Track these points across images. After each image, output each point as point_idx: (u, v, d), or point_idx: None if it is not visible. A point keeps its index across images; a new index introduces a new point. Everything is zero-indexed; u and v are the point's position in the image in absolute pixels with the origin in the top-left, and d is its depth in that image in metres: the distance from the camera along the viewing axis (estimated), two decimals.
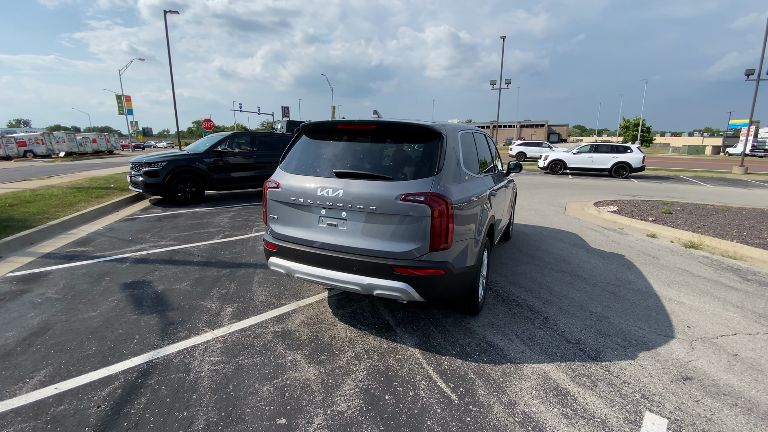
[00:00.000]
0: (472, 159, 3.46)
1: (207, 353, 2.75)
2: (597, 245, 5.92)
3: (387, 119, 2.86)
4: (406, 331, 3.13)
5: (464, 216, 2.79)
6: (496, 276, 4.46)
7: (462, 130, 3.29)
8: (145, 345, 2.84)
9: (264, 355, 2.74)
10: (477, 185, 3.21)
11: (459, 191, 2.80)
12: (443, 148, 2.78)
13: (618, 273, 4.66)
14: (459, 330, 3.16)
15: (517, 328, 3.21)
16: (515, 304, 3.69)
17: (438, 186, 2.60)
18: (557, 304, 3.73)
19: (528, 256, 5.26)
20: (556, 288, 4.14)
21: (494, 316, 3.43)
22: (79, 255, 4.87)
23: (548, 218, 7.97)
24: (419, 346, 2.90)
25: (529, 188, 13.08)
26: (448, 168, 2.76)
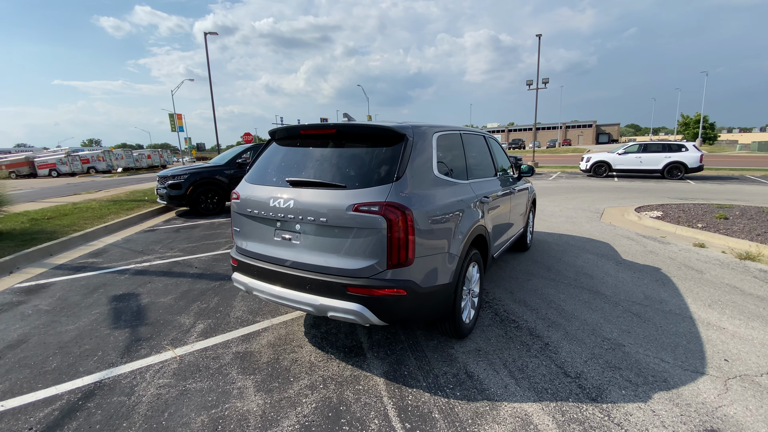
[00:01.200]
0: (456, 163, 3.09)
1: (158, 375, 2.60)
2: (630, 256, 5.21)
3: (349, 122, 2.60)
4: (377, 356, 2.80)
5: (434, 227, 2.44)
6: (500, 292, 4.00)
7: (442, 131, 2.93)
8: (103, 363, 2.76)
9: (214, 380, 2.54)
10: (458, 192, 2.84)
11: (427, 199, 2.45)
12: (407, 151, 2.45)
13: (648, 290, 4.01)
14: (439, 356, 2.78)
15: (507, 356, 2.78)
16: (514, 326, 3.24)
17: (398, 194, 2.28)
18: (564, 327, 3.22)
19: (544, 269, 4.72)
20: (567, 307, 3.61)
21: (485, 340, 3.00)
22: (87, 266, 5.04)
23: (579, 226, 7.24)
24: (386, 375, 2.56)
25: (566, 192, 12.16)
26: (414, 173, 2.43)
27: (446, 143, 2.99)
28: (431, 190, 2.54)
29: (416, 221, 2.29)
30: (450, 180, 2.82)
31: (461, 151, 3.22)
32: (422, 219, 2.35)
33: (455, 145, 3.16)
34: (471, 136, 3.59)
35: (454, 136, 3.18)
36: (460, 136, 3.29)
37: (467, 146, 3.38)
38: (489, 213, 3.40)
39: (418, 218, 2.31)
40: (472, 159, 3.47)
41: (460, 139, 3.27)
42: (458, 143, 3.22)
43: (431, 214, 2.44)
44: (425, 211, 2.39)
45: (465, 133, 3.44)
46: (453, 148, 3.11)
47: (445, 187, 2.71)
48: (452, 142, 3.12)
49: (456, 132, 3.23)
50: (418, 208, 2.33)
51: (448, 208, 2.61)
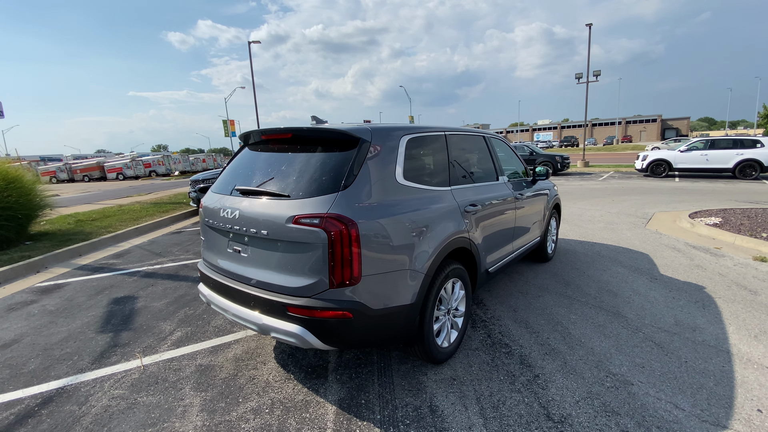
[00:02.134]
0: (435, 168, 2.78)
1: (116, 385, 2.58)
2: (670, 271, 4.51)
3: (305, 126, 2.40)
4: (339, 379, 2.58)
5: (390, 241, 2.17)
6: (502, 309, 3.59)
7: (415, 134, 2.63)
8: (74, 368, 2.80)
9: (165, 395, 2.46)
10: (431, 201, 2.53)
11: (383, 210, 2.19)
12: (362, 156, 2.20)
13: (682, 313, 3.39)
14: (406, 384, 2.50)
15: (485, 389, 2.42)
16: (504, 352, 2.85)
17: (344, 205, 2.04)
18: (565, 356, 2.78)
19: (562, 284, 4.20)
20: (576, 331, 3.13)
21: (465, 368, 2.66)
22: (105, 267, 5.32)
23: (619, 233, 6.48)
24: (340, 403, 2.33)
25: (614, 195, 11.07)
26: (368, 181, 2.18)
27: (421, 147, 2.70)
28: (391, 199, 2.27)
29: (364, 235, 2.04)
30: (421, 187, 2.53)
31: (444, 154, 2.90)
32: (373, 232, 2.09)
33: (435, 149, 2.85)
34: (461, 137, 3.24)
35: (435, 139, 2.86)
36: (444, 138, 2.96)
37: (453, 149, 3.04)
38: (480, 222, 3.03)
39: (367, 232, 2.06)
40: (461, 163, 3.12)
41: (443, 141, 2.94)
42: (440, 146, 2.90)
43: (387, 226, 2.17)
44: (378, 224, 2.13)
45: (453, 134, 3.10)
46: (431, 152, 2.80)
47: (412, 195, 2.42)
48: (431, 146, 2.81)
49: (438, 134, 2.91)
50: (367, 220, 2.08)
51: (411, 219, 2.31)
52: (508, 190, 3.62)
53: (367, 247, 2.06)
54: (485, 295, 3.96)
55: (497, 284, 4.25)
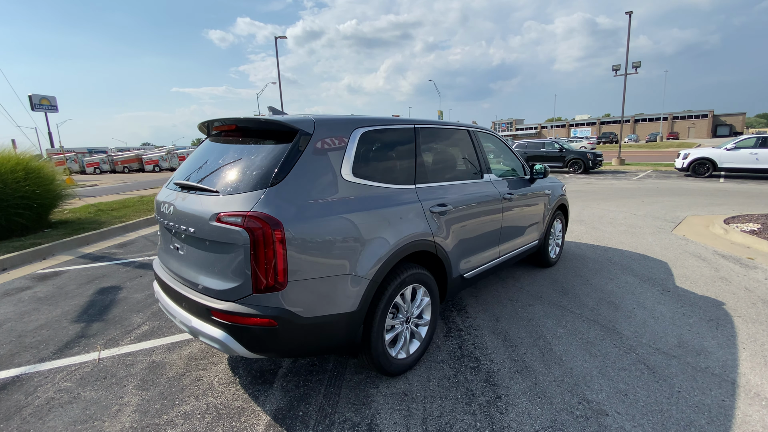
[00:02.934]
0: (398, 164, 2.55)
1: (67, 377, 2.56)
2: (687, 283, 4.03)
3: (249, 117, 2.24)
4: (285, 386, 2.43)
5: (326, 244, 1.98)
6: (484, 318, 3.31)
7: (372, 126, 2.40)
8: (37, 357, 2.82)
9: (108, 391, 2.41)
10: (386, 200, 2.31)
11: (320, 209, 2.00)
12: (298, 151, 2.02)
13: (689, 333, 2.98)
14: (353, 396, 2.31)
15: (435, 408, 2.20)
16: (471, 367, 2.60)
17: (271, 203, 1.87)
18: (538, 375, 2.49)
19: (559, 293, 3.85)
20: (558, 347, 2.82)
21: (422, 382, 2.44)
22: (105, 257, 5.47)
23: (640, 238, 5.94)
24: (276, 414, 2.18)
25: (646, 196, 10.27)
26: (304, 177, 2.00)
27: (381, 141, 2.48)
28: (332, 197, 2.08)
29: (293, 237, 1.86)
30: (376, 185, 2.31)
31: (411, 150, 2.66)
32: (305, 234, 1.91)
33: (400, 144, 2.61)
34: (436, 131, 2.98)
35: (400, 132, 2.63)
36: (413, 131, 2.72)
37: (424, 144, 2.79)
38: (453, 225, 2.78)
39: (296, 233, 1.88)
40: (434, 159, 2.87)
41: (412, 135, 2.70)
42: (406, 141, 2.66)
43: (323, 227, 1.98)
44: (312, 224, 1.94)
45: (426, 128, 2.85)
46: (394, 147, 2.57)
47: (361, 193, 2.21)
48: (394, 140, 2.58)
49: (405, 127, 2.67)
50: (298, 220, 1.90)
51: (355, 220, 2.11)
52: (493, 189, 3.32)
53: (297, 249, 1.88)
54: (470, 300, 3.69)
55: (486, 289, 3.96)
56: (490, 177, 3.38)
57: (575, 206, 8.78)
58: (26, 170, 6.39)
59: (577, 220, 7.34)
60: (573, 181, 14.36)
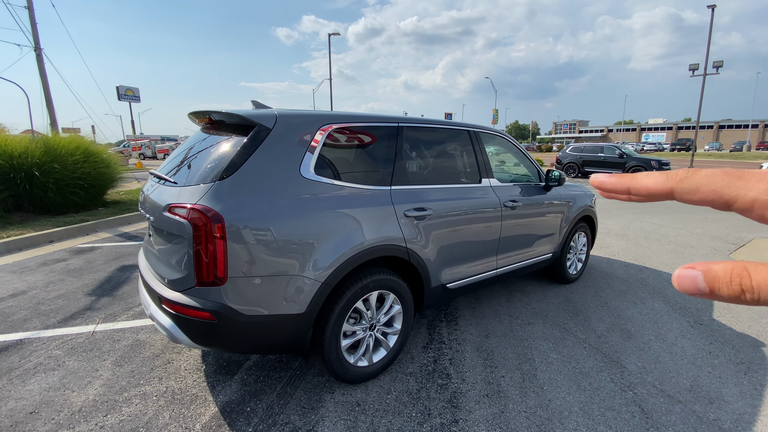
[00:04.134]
0: (369, 164, 2.43)
1: (60, 345, 2.79)
2: (727, 317, 3.47)
3: (220, 110, 2.25)
4: (245, 379, 2.44)
5: (273, 243, 1.93)
6: (472, 332, 3.10)
7: (344, 123, 2.29)
8: (44, 324, 3.10)
9: (88, 363, 2.58)
10: (347, 200, 2.20)
11: (270, 206, 1.95)
12: (253, 145, 1.98)
13: (708, 376, 2.56)
14: (306, 400, 2.26)
15: (384, 424, 2.07)
16: (439, 384, 2.43)
17: (218, 196, 1.86)
18: (509, 403, 2.26)
19: (568, 313, 3.50)
20: (544, 375, 2.55)
21: (381, 393, 2.33)
22: (139, 236, 5.92)
23: (687, 259, 5.25)
24: (224, 407, 2.18)
25: (713, 212, 9.08)
26: (257, 172, 1.96)
27: (352, 139, 2.37)
28: (287, 194, 2.02)
29: (236, 232, 1.84)
30: (341, 185, 2.22)
31: (390, 149, 2.52)
32: (250, 230, 1.88)
33: (378, 142, 2.49)
34: (426, 131, 2.80)
35: (377, 131, 2.50)
36: (397, 130, 2.58)
37: (409, 144, 2.64)
38: (434, 231, 2.61)
39: (240, 229, 1.85)
40: (419, 160, 2.72)
41: (394, 134, 2.56)
42: (386, 140, 2.52)
43: (271, 224, 1.93)
44: (259, 221, 1.90)
45: (413, 126, 2.69)
46: (370, 146, 2.46)
47: (322, 192, 2.13)
48: (371, 139, 2.47)
49: (386, 125, 2.53)
50: (244, 216, 1.87)
51: (310, 220, 2.04)
52: (491, 195, 3.07)
53: (239, 246, 1.85)
54: (465, 312, 3.48)
55: (488, 301, 3.71)
56: (491, 182, 3.13)
57: (622, 219, 8.01)
58: (85, 154, 7.10)
59: (619, 234, 6.68)
60: None
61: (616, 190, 0.33)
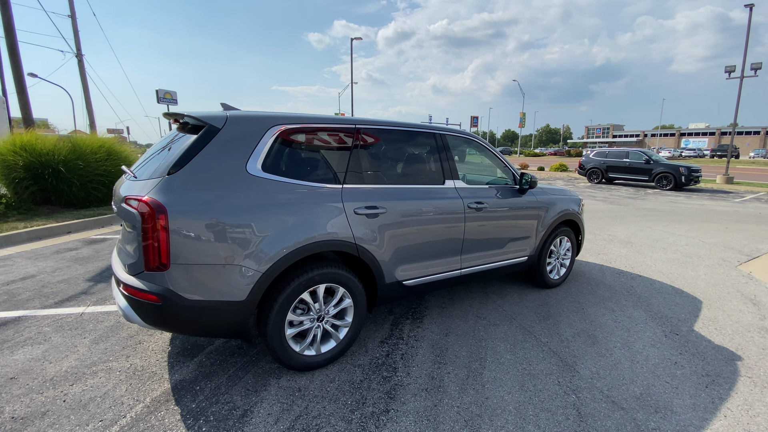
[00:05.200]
0: (320, 163, 2.56)
1: (51, 324, 3.07)
2: (709, 329, 3.35)
3: (180, 111, 2.44)
4: (202, 362, 2.61)
5: (213, 233, 2.08)
6: (434, 330, 3.15)
7: (295, 124, 2.42)
8: (42, 304, 3.42)
9: (71, 339, 2.84)
10: (293, 197, 2.33)
11: (213, 200, 2.10)
12: (201, 143, 2.16)
13: (664, 387, 2.50)
14: (252, 383, 2.40)
15: (317, 409, 2.18)
16: (383, 377, 2.51)
17: (164, 190, 2.04)
18: (445, 397, 2.32)
19: (537, 317, 3.48)
20: (490, 374, 2.58)
21: (324, 382, 2.44)
22: None
23: (689, 269, 5.05)
24: (176, 385, 2.36)
25: (736, 222, 8.59)
26: (204, 168, 2.13)
27: (305, 139, 2.51)
28: (232, 189, 2.17)
29: (176, 223, 2.01)
30: (288, 182, 2.35)
31: (344, 149, 2.63)
32: (192, 221, 2.05)
33: (331, 142, 2.61)
34: (385, 132, 2.89)
35: (332, 132, 2.61)
36: (352, 131, 2.69)
37: (365, 145, 2.74)
38: (388, 229, 2.70)
39: (182, 220, 2.02)
40: (376, 160, 2.81)
41: (349, 135, 2.67)
42: (340, 140, 2.63)
43: (213, 216, 2.09)
44: (200, 213, 2.07)
45: (370, 128, 2.79)
46: (322, 146, 2.58)
47: (269, 189, 2.27)
48: (323, 138, 2.59)
49: (341, 126, 2.65)
50: (185, 209, 2.04)
51: (254, 214, 2.19)
52: (454, 196, 3.12)
53: (182, 235, 2.02)
54: (434, 310, 3.53)
55: (460, 301, 3.74)
56: (455, 183, 3.18)
57: (633, 226, 7.74)
58: (108, 152, 7.64)
59: (624, 241, 6.48)
60: (654, 197, 12.58)
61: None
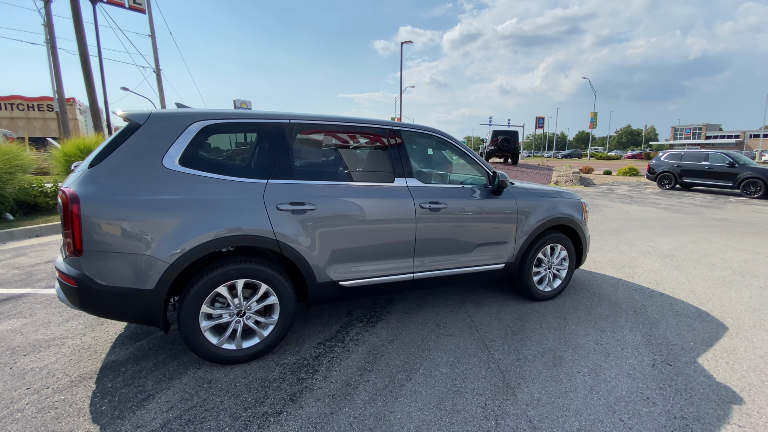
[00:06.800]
0: (242, 158, 2.59)
1: (42, 301, 3.48)
2: (715, 361, 2.76)
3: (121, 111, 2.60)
4: (144, 347, 2.76)
5: (123, 223, 2.19)
6: (381, 334, 3.00)
7: (215, 120, 2.46)
8: (48, 284, 3.89)
9: (50, 317, 3.19)
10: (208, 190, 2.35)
11: (126, 192, 2.21)
12: (122, 138, 2.30)
13: (610, 425, 2.10)
14: (173, 371, 2.49)
15: (214, 402, 2.19)
16: (298, 378, 2.45)
17: (84, 182, 2.19)
18: (347, 407, 2.19)
19: (505, 332, 3.15)
20: (413, 386, 2.38)
21: (237, 378, 2.44)
22: None
23: (730, 291, 4.23)
24: (107, 365, 2.52)
25: None
26: (122, 162, 2.26)
27: (229, 134, 2.55)
28: (148, 182, 2.27)
29: (89, 212, 2.15)
30: (207, 176, 2.39)
31: (274, 144, 2.61)
32: (104, 211, 2.18)
33: (260, 138, 2.61)
34: (324, 127, 2.82)
35: (260, 127, 2.61)
36: (284, 126, 2.65)
37: (300, 141, 2.70)
38: (319, 226, 2.63)
39: (94, 209, 2.16)
40: (310, 156, 2.76)
41: (279, 130, 2.63)
42: (269, 135, 2.61)
43: (123, 207, 2.20)
44: (112, 204, 2.19)
45: (306, 123, 2.73)
46: (246, 141, 2.60)
47: (185, 182, 2.34)
48: (250, 134, 2.60)
49: (270, 122, 2.62)
50: (98, 199, 2.18)
51: (166, 206, 2.27)
52: (404, 195, 2.94)
53: (94, 223, 2.16)
54: (393, 315, 3.37)
55: (428, 308, 3.52)
56: (407, 182, 3.00)
57: (686, 237, 6.72)
58: None
59: (664, 254, 5.63)
60: (734, 206, 10.79)
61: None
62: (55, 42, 13.52)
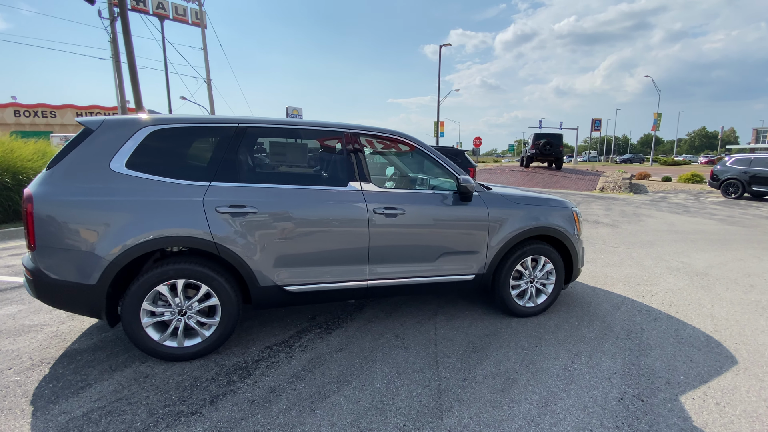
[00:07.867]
0: (188, 162, 2.65)
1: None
2: (703, 403, 2.36)
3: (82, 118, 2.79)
4: (107, 338, 2.94)
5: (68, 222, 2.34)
6: (330, 344, 2.94)
7: (162, 125, 2.56)
8: None
9: (41, 304, 3.50)
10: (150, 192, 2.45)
11: (73, 192, 2.36)
12: (79, 142, 2.47)
13: None
14: (121, 363, 2.62)
15: (136, 396, 2.27)
16: (229, 380, 2.46)
17: (40, 183, 2.39)
18: (259, 414, 2.16)
19: (465, 348, 2.95)
20: (336, 400, 2.30)
21: (172, 375, 2.50)
22: None
23: (762, 318, 3.64)
24: (69, 351, 2.72)
25: None
26: (73, 165, 2.42)
27: (176, 138, 2.62)
28: (94, 184, 2.42)
29: (40, 210, 2.33)
30: (151, 179, 2.49)
31: (220, 148, 2.66)
32: (53, 210, 2.35)
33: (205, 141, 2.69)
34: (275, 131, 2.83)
35: (208, 131, 2.69)
36: (233, 130, 2.69)
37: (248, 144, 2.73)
38: (261, 229, 2.64)
39: (45, 208, 2.34)
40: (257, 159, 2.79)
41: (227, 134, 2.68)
42: (216, 139, 2.68)
43: (70, 206, 2.36)
44: (61, 203, 2.36)
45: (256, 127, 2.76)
46: (192, 145, 2.67)
47: (128, 184, 2.46)
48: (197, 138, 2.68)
49: (218, 126, 2.68)
50: (49, 199, 2.35)
51: (107, 205, 2.40)
52: (356, 200, 2.86)
53: (44, 221, 2.34)
54: (355, 324, 3.28)
55: (397, 318, 3.40)
56: (362, 186, 2.92)
57: (732, 253, 5.92)
58: None
59: (695, 272, 4.99)
60: None
61: None
62: (119, 56, 15.06)
